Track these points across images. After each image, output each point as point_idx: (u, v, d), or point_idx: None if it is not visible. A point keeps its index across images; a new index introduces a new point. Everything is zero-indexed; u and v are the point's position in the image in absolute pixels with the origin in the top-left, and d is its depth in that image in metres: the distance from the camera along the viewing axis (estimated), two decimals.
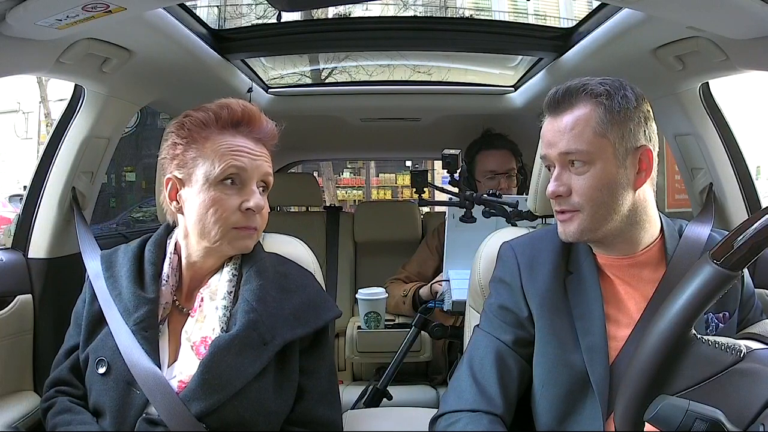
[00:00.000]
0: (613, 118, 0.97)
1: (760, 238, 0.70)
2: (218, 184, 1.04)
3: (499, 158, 2.24)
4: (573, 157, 0.99)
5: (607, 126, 0.97)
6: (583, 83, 1.00)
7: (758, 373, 0.71)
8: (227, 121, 1.07)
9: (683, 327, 0.74)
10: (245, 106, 1.10)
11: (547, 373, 1.03)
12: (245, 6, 3.75)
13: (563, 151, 0.99)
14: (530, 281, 1.07)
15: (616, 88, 0.99)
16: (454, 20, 3.60)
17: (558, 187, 1.01)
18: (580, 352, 1.00)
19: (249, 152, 1.07)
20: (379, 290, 2.06)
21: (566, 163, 1.00)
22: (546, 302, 1.05)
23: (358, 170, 12.20)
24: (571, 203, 1.00)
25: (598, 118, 0.97)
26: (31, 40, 1.13)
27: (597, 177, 0.98)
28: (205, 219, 1.04)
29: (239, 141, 1.07)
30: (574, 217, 1.01)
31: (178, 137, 1.08)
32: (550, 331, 1.03)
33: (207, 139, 1.06)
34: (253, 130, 1.10)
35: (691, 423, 0.69)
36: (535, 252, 1.10)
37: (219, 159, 1.04)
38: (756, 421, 0.68)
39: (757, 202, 1.60)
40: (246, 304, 1.04)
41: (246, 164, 1.06)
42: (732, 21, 1.13)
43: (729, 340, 0.76)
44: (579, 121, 0.98)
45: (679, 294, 0.75)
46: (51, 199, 1.54)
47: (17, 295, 1.47)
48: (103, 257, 1.18)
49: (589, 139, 0.97)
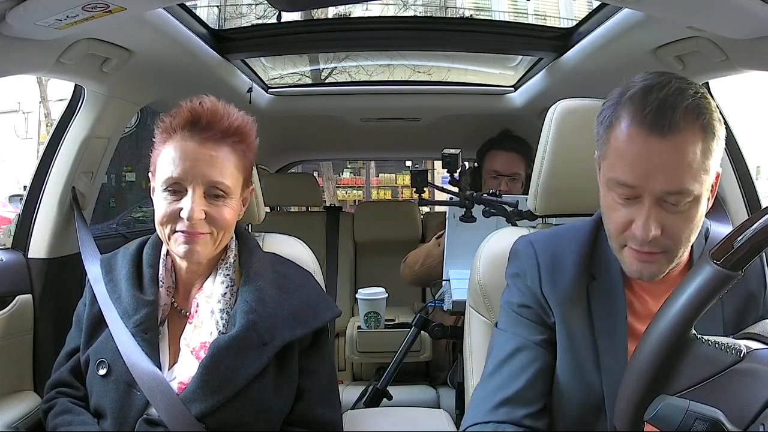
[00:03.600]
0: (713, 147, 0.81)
1: (760, 238, 0.70)
2: (162, 191, 1.04)
3: (506, 160, 2.23)
4: (679, 198, 0.81)
5: (706, 159, 0.80)
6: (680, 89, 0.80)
7: (758, 373, 0.70)
8: (179, 124, 1.04)
9: (683, 327, 0.74)
10: (194, 106, 1.04)
11: (561, 390, 0.94)
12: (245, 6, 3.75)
13: (670, 191, 0.80)
14: (552, 286, 0.95)
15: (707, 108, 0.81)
16: (454, 20, 3.59)
17: (656, 230, 0.82)
18: (598, 373, 0.90)
19: (191, 159, 1.02)
20: (379, 290, 2.06)
21: (662, 202, 0.82)
22: (567, 312, 0.94)
23: (358, 170, 12.19)
24: (660, 245, 0.84)
25: (701, 149, 0.79)
26: (31, 40, 1.13)
27: (696, 218, 0.83)
28: (156, 224, 1.05)
29: (185, 146, 1.03)
30: (660, 258, 0.85)
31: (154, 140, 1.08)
32: (569, 345, 0.93)
33: (163, 145, 1.06)
34: (209, 130, 1.04)
35: (691, 423, 0.68)
36: (558, 252, 0.98)
37: (161, 167, 1.04)
38: (756, 421, 0.68)
39: (757, 202, 1.60)
40: (245, 305, 1.04)
41: (181, 173, 1.01)
42: (732, 21, 1.13)
43: (729, 340, 0.76)
44: (689, 151, 0.79)
45: (679, 294, 0.75)
46: (51, 199, 1.54)
47: (17, 295, 1.47)
48: (103, 261, 1.18)
49: (698, 176, 0.80)
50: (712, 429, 0.68)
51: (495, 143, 2.30)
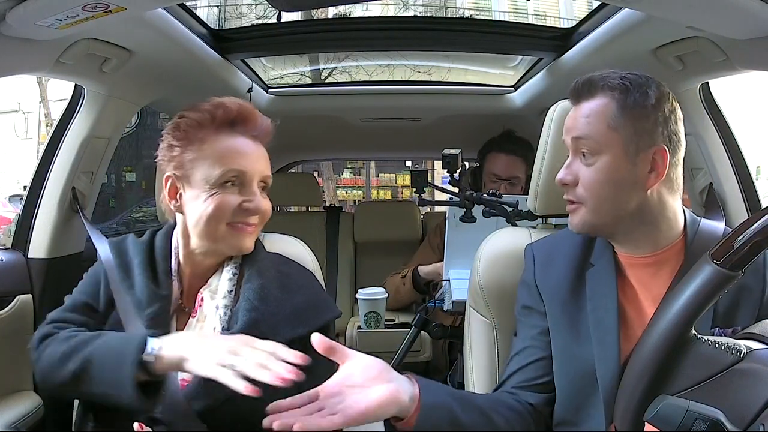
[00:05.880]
0: (627, 113, 0.96)
1: (760, 238, 0.70)
2: (219, 186, 1.04)
3: (506, 163, 2.22)
4: (583, 145, 0.98)
5: (620, 120, 0.96)
6: (604, 75, 0.99)
7: (758, 373, 0.70)
8: (223, 121, 1.06)
9: (683, 327, 0.74)
10: (240, 104, 1.08)
11: (559, 365, 1.02)
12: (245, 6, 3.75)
13: (575, 136, 0.99)
14: (544, 275, 1.07)
15: (638, 84, 0.97)
16: (454, 20, 3.60)
17: (566, 175, 1.00)
18: (590, 345, 0.98)
19: (248, 153, 1.07)
20: (379, 290, 2.06)
21: (578, 152, 1.00)
22: (559, 294, 1.04)
23: (358, 170, 12.19)
24: (576, 194, 1.00)
25: (612, 111, 0.96)
26: (31, 40, 1.14)
27: (603, 170, 0.96)
28: (204, 217, 1.04)
29: (237, 141, 1.06)
30: (578, 209, 1.00)
31: (174, 139, 1.06)
32: (562, 323, 1.03)
33: (204, 140, 1.05)
34: (249, 128, 1.09)
35: (691, 423, 0.68)
36: (554, 248, 1.10)
37: (218, 161, 1.03)
38: (756, 421, 0.68)
39: (757, 202, 1.60)
40: (248, 303, 1.04)
41: (245, 166, 1.05)
42: (732, 21, 1.13)
43: (729, 340, 0.76)
44: (593, 110, 0.98)
45: (680, 294, 0.75)
46: (51, 199, 1.54)
47: (17, 295, 1.48)
48: (112, 245, 1.17)
49: (599, 130, 0.97)
50: (712, 429, 0.68)
51: (495, 145, 2.29)
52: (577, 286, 1.03)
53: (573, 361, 1.00)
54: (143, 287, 1.06)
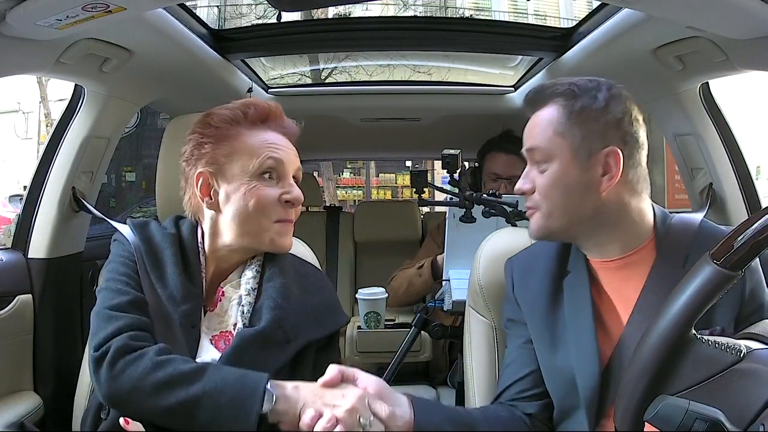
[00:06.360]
0: (574, 118, 0.97)
1: (760, 238, 0.70)
2: (257, 178, 1.04)
3: (505, 162, 2.21)
4: (534, 155, 1.01)
5: (567, 126, 0.97)
6: (554, 83, 1.01)
7: (758, 373, 0.70)
8: (256, 117, 1.08)
9: (683, 327, 0.74)
10: (269, 103, 1.11)
11: (545, 374, 1.04)
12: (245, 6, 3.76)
13: (528, 147, 1.03)
14: (522, 288, 1.09)
15: (586, 89, 0.98)
16: (454, 20, 3.60)
17: (523, 184, 1.03)
18: (567, 350, 0.99)
19: (282, 146, 1.08)
20: (379, 290, 2.06)
21: (533, 161, 1.02)
22: (538, 305, 1.05)
23: (358, 170, 12.20)
24: (533, 200, 1.02)
25: (559, 117, 0.98)
26: (31, 40, 1.13)
27: (553, 176, 0.98)
28: (246, 212, 1.04)
29: (271, 136, 1.08)
30: (534, 214, 1.02)
31: (203, 136, 1.07)
32: (543, 333, 1.04)
33: (239, 136, 1.06)
34: (280, 125, 1.11)
35: (691, 423, 0.68)
36: (531, 261, 1.12)
37: (255, 153, 1.05)
38: (756, 421, 0.68)
39: (757, 202, 1.60)
40: (272, 301, 1.04)
41: (282, 157, 1.07)
42: (732, 21, 1.13)
43: (729, 340, 0.76)
44: (543, 119, 1.00)
45: (680, 294, 0.75)
46: (51, 199, 1.54)
47: (17, 295, 1.47)
48: (136, 227, 1.11)
49: (548, 137, 0.99)
50: (712, 429, 0.68)
51: (495, 145, 2.29)
52: (556, 295, 1.05)
53: (555, 370, 1.01)
54: (178, 283, 1.03)
